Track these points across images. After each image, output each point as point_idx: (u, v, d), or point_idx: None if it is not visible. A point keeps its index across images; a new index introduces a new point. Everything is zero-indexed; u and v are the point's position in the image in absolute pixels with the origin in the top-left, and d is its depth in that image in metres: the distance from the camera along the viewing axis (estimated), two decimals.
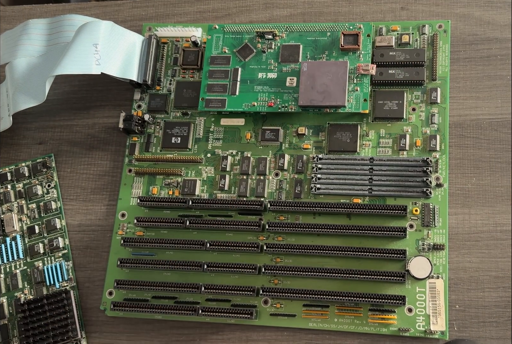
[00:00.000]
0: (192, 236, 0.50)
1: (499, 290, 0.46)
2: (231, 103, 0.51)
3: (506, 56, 0.51)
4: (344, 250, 0.46)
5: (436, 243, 0.46)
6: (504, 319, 0.45)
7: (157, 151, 0.54)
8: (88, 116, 0.57)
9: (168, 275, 0.50)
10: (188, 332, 0.49)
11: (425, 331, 0.45)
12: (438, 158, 0.48)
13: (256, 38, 0.53)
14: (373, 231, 0.46)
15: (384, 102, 0.50)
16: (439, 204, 0.47)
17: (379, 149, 0.50)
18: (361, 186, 0.48)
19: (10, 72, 0.55)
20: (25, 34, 0.56)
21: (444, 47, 0.51)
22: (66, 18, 0.56)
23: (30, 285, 0.52)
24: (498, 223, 0.47)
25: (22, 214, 0.54)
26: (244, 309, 0.47)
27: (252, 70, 0.52)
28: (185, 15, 0.58)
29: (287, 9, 0.56)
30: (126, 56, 0.53)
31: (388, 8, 0.54)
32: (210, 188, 0.51)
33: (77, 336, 0.49)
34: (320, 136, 0.51)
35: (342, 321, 0.46)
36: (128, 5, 0.60)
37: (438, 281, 0.46)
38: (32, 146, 0.57)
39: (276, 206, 0.48)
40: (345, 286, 0.47)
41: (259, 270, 0.47)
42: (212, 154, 0.52)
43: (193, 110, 0.54)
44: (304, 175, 0.50)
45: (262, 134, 0.52)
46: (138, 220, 0.50)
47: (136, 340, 0.49)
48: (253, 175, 0.51)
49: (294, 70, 0.51)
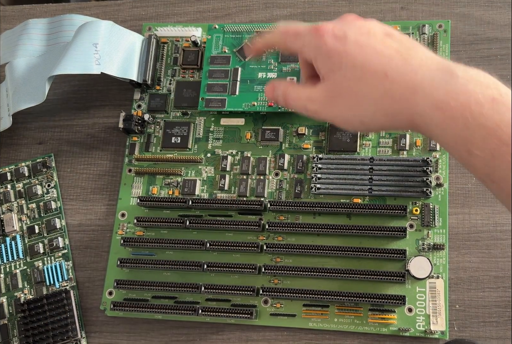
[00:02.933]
0: (192, 236, 0.50)
1: (499, 290, 0.46)
2: (231, 103, 0.51)
3: (506, 56, 0.51)
4: (344, 250, 0.46)
5: (436, 242, 0.46)
6: (504, 319, 0.45)
7: (157, 151, 0.54)
8: (88, 116, 0.57)
9: (168, 275, 0.50)
10: (188, 332, 0.49)
11: (425, 331, 0.45)
12: (438, 158, 0.48)
13: (256, 38, 0.53)
14: (373, 231, 0.46)
15: None
16: (439, 203, 0.47)
17: (379, 149, 0.50)
18: (361, 185, 0.48)
19: (10, 72, 0.55)
20: (25, 34, 0.56)
21: (444, 47, 0.51)
22: (66, 18, 0.56)
23: (30, 285, 0.52)
24: (498, 223, 0.47)
25: (22, 214, 0.54)
26: (244, 309, 0.47)
27: (252, 70, 0.52)
28: (185, 15, 0.58)
29: (287, 9, 0.56)
30: (126, 56, 0.53)
31: (388, 8, 0.54)
32: (210, 188, 0.51)
33: (77, 336, 0.49)
34: (320, 136, 0.51)
35: (342, 321, 0.46)
36: (128, 5, 0.60)
37: (438, 281, 0.46)
38: (32, 146, 0.57)
39: (276, 206, 0.48)
40: (345, 286, 0.46)
41: (259, 270, 0.47)
42: (212, 154, 0.52)
43: (193, 110, 0.54)
44: (304, 174, 0.50)
45: (262, 134, 0.52)
46: (138, 220, 0.50)
47: (136, 340, 0.49)
48: (253, 175, 0.51)
49: (294, 70, 0.51)
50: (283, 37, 0.40)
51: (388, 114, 0.36)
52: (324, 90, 0.38)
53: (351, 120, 0.38)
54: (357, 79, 0.36)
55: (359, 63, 0.35)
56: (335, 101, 0.37)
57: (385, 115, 0.36)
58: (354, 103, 0.37)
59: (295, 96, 0.40)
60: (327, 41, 0.36)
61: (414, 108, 0.34)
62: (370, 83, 0.35)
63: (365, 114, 0.37)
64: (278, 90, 0.41)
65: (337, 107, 0.38)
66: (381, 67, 0.35)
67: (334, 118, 0.39)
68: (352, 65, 0.36)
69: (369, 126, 0.38)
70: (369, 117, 0.37)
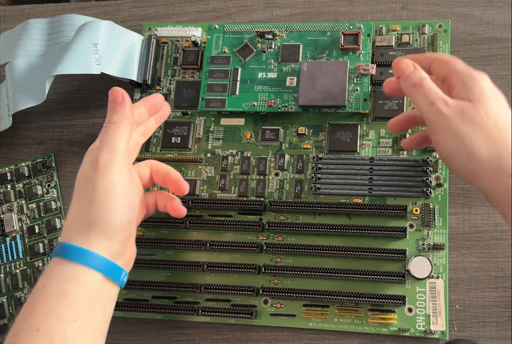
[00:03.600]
0: (192, 236, 0.50)
1: (499, 290, 0.46)
2: (231, 103, 0.51)
3: (506, 56, 0.51)
4: (344, 250, 0.46)
5: (436, 242, 0.46)
6: (504, 319, 0.45)
7: (157, 151, 0.53)
8: (88, 116, 0.57)
9: (168, 275, 0.50)
10: (188, 332, 0.49)
11: (425, 331, 0.45)
12: (438, 158, 0.48)
13: (256, 38, 0.53)
14: (373, 231, 0.46)
15: (384, 102, 0.50)
16: (439, 203, 0.47)
17: (379, 149, 0.50)
18: (361, 185, 0.48)
19: (10, 72, 0.55)
20: (25, 34, 0.56)
21: (444, 47, 0.51)
22: (66, 18, 0.56)
23: (30, 285, 0.52)
24: (498, 223, 0.47)
25: (22, 214, 0.54)
26: (244, 309, 0.47)
27: (252, 70, 0.52)
28: (185, 15, 0.58)
29: (287, 9, 0.56)
30: (126, 56, 0.53)
31: (388, 8, 0.54)
32: (210, 188, 0.51)
33: None
34: (320, 136, 0.51)
35: (342, 321, 0.46)
36: (128, 5, 0.60)
37: (438, 281, 0.46)
38: (32, 146, 0.57)
39: (276, 206, 0.48)
40: (345, 286, 0.46)
41: (259, 270, 0.47)
42: (212, 154, 0.52)
43: (193, 110, 0.54)
44: (304, 174, 0.50)
45: (262, 134, 0.52)
46: None
47: (136, 340, 0.49)
48: (253, 175, 0.51)
49: (294, 70, 0.51)
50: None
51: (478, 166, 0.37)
52: (462, 105, 0.38)
53: (463, 147, 0.37)
54: (495, 118, 0.37)
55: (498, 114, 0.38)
56: (465, 122, 0.37)
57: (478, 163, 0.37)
58: (479, 135, 0.37)
59: (433, 88, 0.39)
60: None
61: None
62: (493, 133, 0.37)
63: (476, 150, 0.37)
64: (419, 72, 0.40)
65: (464, 128, 0.37)
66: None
67: (449, 139, 0.38)
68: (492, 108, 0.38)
69: (471, 163, 0.37)
70: (475, 155, 0.37)
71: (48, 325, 0.35)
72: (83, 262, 0.37)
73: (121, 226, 0.39)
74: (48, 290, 0.36)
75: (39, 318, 0.35)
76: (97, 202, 0.38)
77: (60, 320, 0.35)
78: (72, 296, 0.36)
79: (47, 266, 0.38)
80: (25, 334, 0.35)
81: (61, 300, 0.36)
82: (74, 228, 0.38)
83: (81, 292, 0.36)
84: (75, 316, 0.36)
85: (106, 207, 0.38)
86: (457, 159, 0.38)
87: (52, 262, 0.38)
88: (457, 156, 0.38)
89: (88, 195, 0.38)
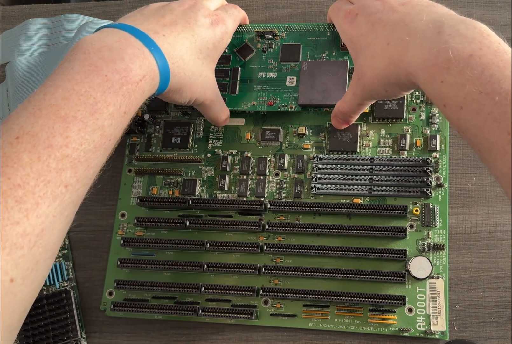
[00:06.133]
0: (192, 236, 0.50)
1: (499, 290, 0.46)
2: (231, 102, 0.51)
3: None
4: (344, 250, 0.46)
5: (436, 243, 0.46)
6: (504, 319, 0.45)
7: (157, 151, 0.53)
8: None
9: (168, 275, 0.50)
10: (188, 332, 0.49)
11: (425, 331, 0.45)
12: (438, 158, 0.48)
13: (256, 37, 0.53)
14: (373, 231, 0.46)
15: (384, 102, 0.50)
16: (439, 204, 0.47)
17: (379, 149, 0.50)
18: (361, 186, 0.48)
19: (10, 72, 0.55)
20: (25, 33, 0.56)
21: None
22: (66, 18, 0.56)
23: None
24: (498, 223, 0.47)
25: None
26: (244, 309, 0.47)
27: (252, 69, 0.52)
28: None
29: (287, 9, 0.56)
30: None
31: None
32: (210, 188, 0.51)
33: (77, 336, 0.49)
34: (320, 136, 0.51)
35: (342, 321, 0.46)
36: (128, 5, 0.60)
37: (438, 281, 0.46)
38: None
39: (276, 206, 0.48)
40: (345, 286, 0.46)
41: (259, 270, 0.47)
42: (212, 154, 0.52)
43: (193, 110, 0.54)
44: (304, 174, 0.50)
45: (262, 134, 0.52)
46: (138, 220, 0.50)
47: (136, 340, 0.49)
48: (253, 175, 0.51)
49: (294, 69, 0.51)
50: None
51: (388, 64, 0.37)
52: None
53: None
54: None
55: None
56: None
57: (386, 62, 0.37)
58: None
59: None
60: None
61: (407, 68, 0.35)
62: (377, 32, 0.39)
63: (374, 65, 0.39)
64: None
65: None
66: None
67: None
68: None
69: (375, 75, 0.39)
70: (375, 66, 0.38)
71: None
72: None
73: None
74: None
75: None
76: None
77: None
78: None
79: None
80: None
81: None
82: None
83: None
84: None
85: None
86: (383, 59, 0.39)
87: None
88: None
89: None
